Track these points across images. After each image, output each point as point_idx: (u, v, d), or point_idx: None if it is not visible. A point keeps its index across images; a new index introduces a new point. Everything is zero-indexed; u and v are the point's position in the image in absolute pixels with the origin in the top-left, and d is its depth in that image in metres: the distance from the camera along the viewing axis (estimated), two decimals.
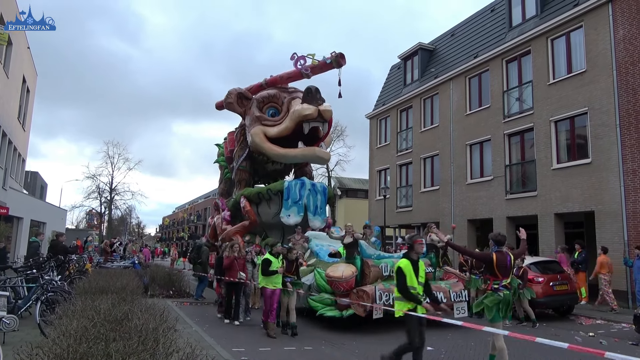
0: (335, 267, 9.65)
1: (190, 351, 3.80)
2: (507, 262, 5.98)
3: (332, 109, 14.81)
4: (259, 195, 15.05)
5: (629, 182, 13.78)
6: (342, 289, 9.23)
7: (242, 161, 16.78)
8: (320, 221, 15.11)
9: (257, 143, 15.38)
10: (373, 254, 10.29)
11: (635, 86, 13.88)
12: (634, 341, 8.62)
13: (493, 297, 5.87)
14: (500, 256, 5.99)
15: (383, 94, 27.97)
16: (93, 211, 58.11)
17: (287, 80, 16.63)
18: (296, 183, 15.10)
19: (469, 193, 19.86)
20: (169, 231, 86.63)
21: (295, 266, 9.26)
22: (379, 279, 9.62)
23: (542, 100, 16.80)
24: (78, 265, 13.88)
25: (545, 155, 16.47)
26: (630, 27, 14.15)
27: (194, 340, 5.65)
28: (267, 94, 16.09)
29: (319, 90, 14.80)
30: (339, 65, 15.19)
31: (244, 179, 16.80)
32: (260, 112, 15.72)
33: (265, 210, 15.15)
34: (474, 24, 22.22)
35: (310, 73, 15.52)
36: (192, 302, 13.10)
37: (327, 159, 16.59)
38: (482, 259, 6.49)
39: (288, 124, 14.91)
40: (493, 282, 5.95)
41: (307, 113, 14.36)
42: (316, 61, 15.29)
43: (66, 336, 3.57)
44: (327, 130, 15.59)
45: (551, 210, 16.00)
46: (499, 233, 6.29)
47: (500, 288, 5.89)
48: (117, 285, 6.94)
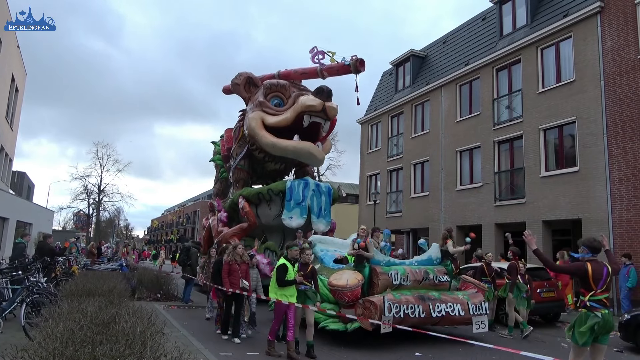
0: (340, 275, 8.58)
1: (178, 355, 3.78)
2: (604, 272, 5.05)
3: (338, 109, 14.13)
4: (259, 196, 14.07)
5: (615, 191, 13.97)
6: (346, 300, 8.21)
7: (241, 159, 15.75)
8: (324, 224, 14.28)
9: (252, 128, 14.40)
10: (382, 260, 9.00)
11: (622, 96, 14.10)
12: (619, 348, 8.71)
13: (590, 321, 4.90)
14: (596, 266, 5.08)
15: (374, 99, 28.10)
16: (81, 213, 57.50)
17: (300, 76, 16.00)
18: (299, 183, 14.16)
19: (459, 199, 19.99)
20: (158, 234, 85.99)
21: (311, 271, 7.67)
22: (388, 287, 8.51)
23: (531, 109, 17.00)
24: (65, 267, 13.72)
25: (534, 163, 16.64)
26: (618, 38, 14.40)
27: (181, 344, 5.61)
28: (277, 82, 15.17)
29: (332, 93, 13.90)
30: (356, 71, 14.65)
31: (242, 178, 15.79)
32: (264, 99, 14.81)
33: (266, 212, 14.19)
34: (465, 32, 22.45)
35: (326, 73, 14.97)
36: (180, 306, 12.99)
37: (321, 159, 15.18)
38: (573, 271, 5.43)
39: (288, 115, 14.07)
40: (589, 296, 5.02)
41: (311, 104, 13.59)
42: (335, 60, 14.80)
43: (52, 339, 3.52)
44: (328, 131, 14.93)
45: (539, 217, 16.16)
46: (594, 239, 5.36)
47: (595, 306, 4.95)
48: (104, 288, 6.87)
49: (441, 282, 9.22)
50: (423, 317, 8.14)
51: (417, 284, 8.86)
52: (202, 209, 59.76)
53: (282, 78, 15.76)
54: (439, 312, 8.28)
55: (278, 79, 15.72)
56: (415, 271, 9.00)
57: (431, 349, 8.09)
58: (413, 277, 8.83)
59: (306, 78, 16.14)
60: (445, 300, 8.55)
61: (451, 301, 8.57)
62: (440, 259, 9.74)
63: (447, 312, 8.37)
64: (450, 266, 9.66)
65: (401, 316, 7.87)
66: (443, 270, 9.38)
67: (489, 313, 9.01)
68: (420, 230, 22.75)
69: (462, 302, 8.67)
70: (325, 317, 8.68)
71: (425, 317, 8.18)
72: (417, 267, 9.24)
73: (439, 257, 9.76)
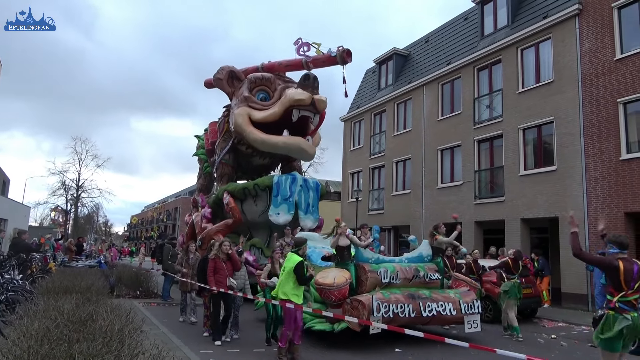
0: (326, 273, 8.26)
1: (157, 353, 3.75)
2: (635, 271, 4.66)
3: (327, 101, 13.76)
4: (244, 191, 13.67)
5: (590, 190, 14.30)
6: (333, 299, 7.92)
7: (225, 154, 15.34)
8: (312, 220, 13.98)
9: (239, 124, 13.96)
10: (370, 257, 8.71)
11: (598, 97, 14.42)
12: (593, 343, 8.93)
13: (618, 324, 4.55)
14: (628, 265, 4.71)
15: (357, 97, 28.19)
16: (58, 208, 56.40)
17: (285, 68, 15.52)
18: (287, 178, 13.79)
19: (439, 197, 20.20)
20: (138, 230, 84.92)
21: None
22: (377, 286, 8.23)
23: (511, 109, 17.26)
24: (41, 264, 13.45)
25: (513, 161, 16.91)
26: (595, 40, 14.70)
27: (161, 342, 5.57)
28: (262, 75, 14.76)
29: (317, 79, 13.63)
30: (343, 62, 14.31)
31: (227, 173, 15.40)
32: (249, 93, 14.35)
33: (251, 208, 13.78)
34: (447, 31, 22.65)
35: (311, 65, 14.57)
36: (160, 303, 12.87)
37: (312, 153, 14.88)
38: (605, 266, 4.99)
39: (276, 109, 13.66)
40: (618, 297, 4.64)
41: (299, 98, 13.17)
42: (321, 52, 14.45)
43: (27, 337, 3.46)
44: (317, 124, 14.53)
45: (518, 215, 16.44)
46: (619, 234, 5.03)
47: (624, 307, 4.60)
48: (81, 285, 6.79)
49: (432, 280, 8.90)
50: (413, 317, 7.92)
51: (407, 282, 8.58)
52: (183, 206, 59.18)
53: (265, 71, 15.37)
54: (429, 311, 8.05)
55: (262, 71, 15.33)
56: (405, 269, 8.70)
57: (421, 349, 7.89)
58: (403, 275, 8.55)
59: (291, 70, 15.71)
60: (436, 299, 8.29)
61: (442, 300, 8.31)
62: (431, 256, 9.44)
63: (439, 311, 8.14)
64: (441, 264, 9.32)
65: (390, 316, 7.61)
66: (434, 268, 9.07)
67: (481, 312, 8.77)
68: (401, 227, 22.95)
69: (453, 301, 8.41)
70: (312, 317, 8.31)
71: (416, 316, 7.95)
72: (407, 264, 8.94)
73: (429, 254, 9.47)
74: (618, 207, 13.59)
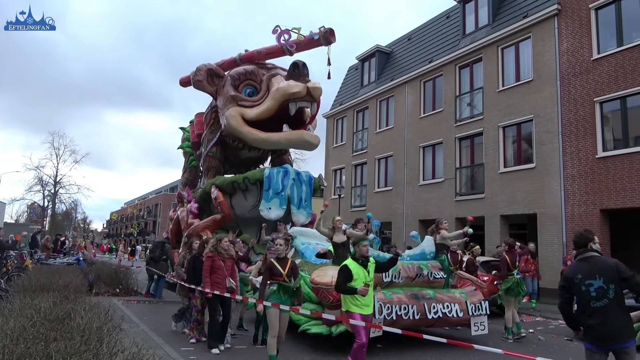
0: (323, 271, 7.62)
1: (137, 351, 3.70)
2: None
3: (321, 87, 13.06)
4: (233, 185, 13.00)
5: (568, 187, 14.60)
6: (331, 299, 7.11)
7: (213, 147, 14.60)
8: (305, 215, 13.29)
9: (234, 127, 13.24)
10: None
11: (576, 96, 14.71)
12: (569, 337, 9.14)
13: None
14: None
15: (340, 94, 28.23)
16: (35, 205, 55.22)
17: (265, 57, 14.62)
18: (278, 171, 13.05)
19: (421, 194, 20.39)
20: (117, 227, 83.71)
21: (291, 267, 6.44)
22: (378, 285, 7.37)
23: (491, 106, 17.49)
24: (17, 262, 13.15)
25: (493, 159, 17.16)
26: (574, 40, 14.99)
27: (140, 340, 5.50)
28: (244, 70, 13.94)
29: (307, 65, 13.01)
30: (327, 43, 13.61)
31: (214, 166, 14.66)
32: (235, 91, 13.57)
33: (241, 203, 13.09)
34: (430, 29, 22.81)
35: (294, 50, 13.90)
36: (140, 301, 12.71)
37: (317, 143, 14.13)
38: None
39: (270, 104, 12.86)
40: None
41: (295, 91, 12.47)
42: (302, 36, 13.76)
43: (1, 336, 3.39)
44: (315, 112, 13.95)
45: (497, 212, 16.70)
46: None
47: None
48: (59, 283, 6.66)
49: (436, 279, 8.24)
50: (418, 319, 7.26)
51: (409, 281, 7.90)
52: (164, 202, 58.54)
53: (244, 61, 14.57)
54: (434, 312, 7.45)
55: (240, 63, 14.58)
56: (408, 267, 7.99)
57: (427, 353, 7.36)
58: (405, 274, 7.85)
59: (272, 57, 14.93)
60: (441, 299, 7.71)
61: (448, 300, 7.74)
62: (435, 253, 8.74)
63: (444, 312, 7.55)
64: (445, 261, 8.60)
65: (393, 318, 6.97)
66: (438, 266, 8.37)
67: (488, 313, 8.21)
68: (383, 224, 23.04)
69: (459, 302, 7.83)
70: (307, 320, 7.63)
71: (420, 318, 7.30)
72: (410, 262, 8.28)
73: (433, 252, 8.79)
74: (594, 203, 13.91)
